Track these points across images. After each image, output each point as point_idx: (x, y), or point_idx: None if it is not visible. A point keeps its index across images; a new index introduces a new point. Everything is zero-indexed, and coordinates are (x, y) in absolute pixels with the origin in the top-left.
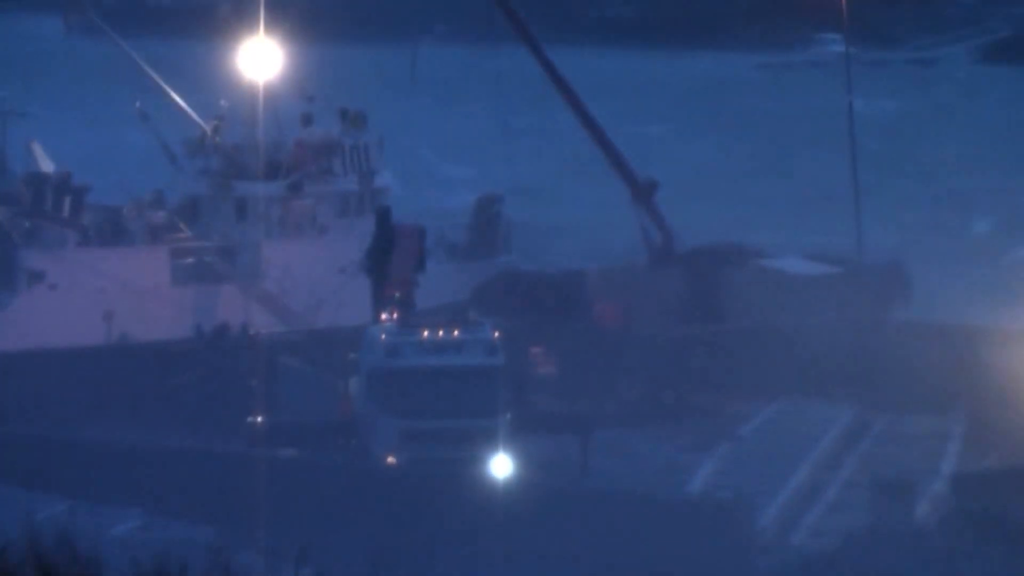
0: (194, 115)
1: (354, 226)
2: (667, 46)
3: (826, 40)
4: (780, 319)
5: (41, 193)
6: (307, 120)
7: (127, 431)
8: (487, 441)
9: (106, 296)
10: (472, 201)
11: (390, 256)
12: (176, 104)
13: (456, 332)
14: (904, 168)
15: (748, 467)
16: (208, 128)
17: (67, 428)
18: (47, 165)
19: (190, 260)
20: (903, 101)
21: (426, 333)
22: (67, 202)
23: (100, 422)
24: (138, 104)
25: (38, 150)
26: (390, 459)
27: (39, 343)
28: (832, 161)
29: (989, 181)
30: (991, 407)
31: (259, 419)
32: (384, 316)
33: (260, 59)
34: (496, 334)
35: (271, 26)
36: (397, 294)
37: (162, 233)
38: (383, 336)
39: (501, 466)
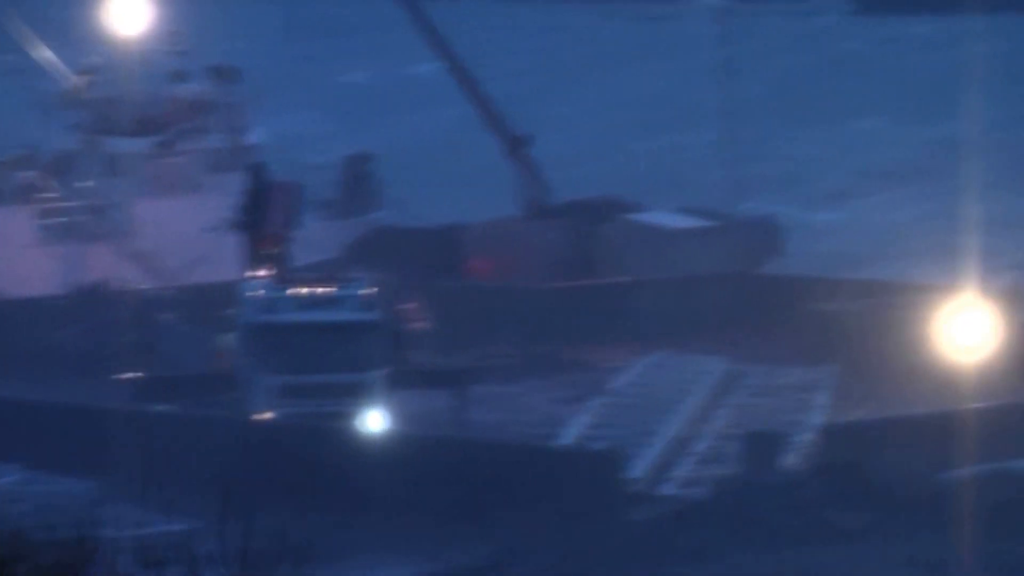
0: (64, 68)
1: (226, 183)
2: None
3: None
4: (653, 272)
5: None
6: (179, 76)
7: (5, 387)
8: (363, 396)
9: None
10: (341, 159)
11: (264, 212)
12: (46, 56)
13: (332, 287)
14: (783, 116)
15: (622, 419)
16: (79, 81)
17: None
18: None
19: (61, 219)
20: (777, 51)
21: (302, 289)
22: None
23: None
24: (8, 57)
25: None
26: (266, 413)
27: None
28: (710, 112)
29: (861, 127)
30: (859, 360)
31: (137, 374)
32: (260, 272)
33: (132, 12)
34: (372, 290)
35: None
36: (273, 250)
37: (32, 192)
38: (259, 291)
39: (377, 420)
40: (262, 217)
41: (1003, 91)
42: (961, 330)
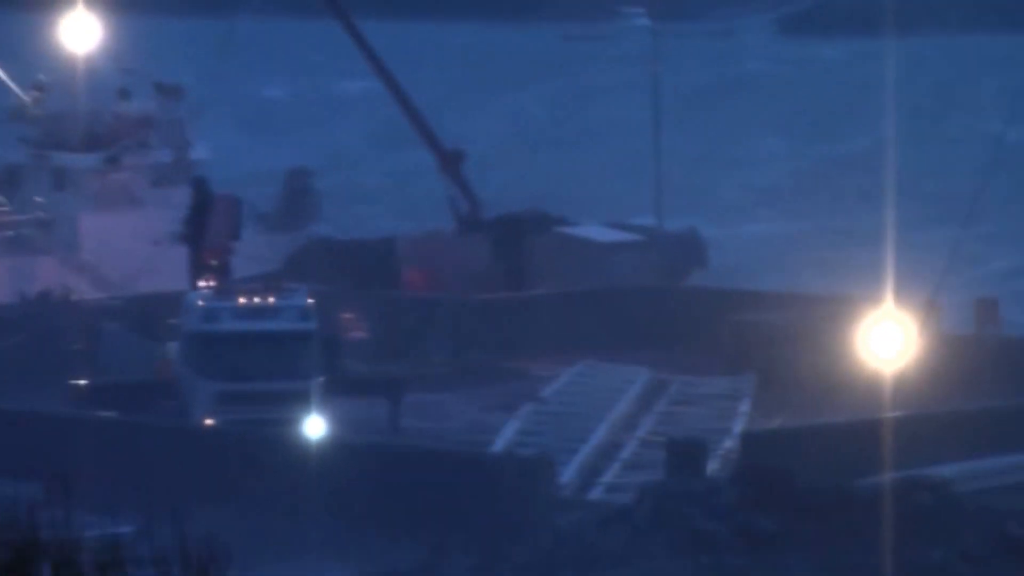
0: (13, 85)
1: (169, 197)
2: (476, 18)
3: (629, 13)
4: (581, 284)
5: None
6: (124, 93)
7: None
8: (301, 403)
9: None
10: (282, 174)
11: (207, 225)
12: None
13: (271, 298)
14: (704, 134)
15: (550, 426)
16: (28, 98)
17: None
18: None
19: (8, 232)
20: (701, 71)
21: (242, 299)
22: None
23: None
24: None
25: None
26: (207, 420)
27: None
28: (633, 128)
29: (779, 146)
30: (780, 370)
31: (81, 381)
32: (201, 283)
33: (79, 31)
34: (309, 300)
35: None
36: (214, 262)
37: None
38: (200, 302)
39: (314, 427)
40: (204, 230)
41: (906, 110)
42: (879, 341)
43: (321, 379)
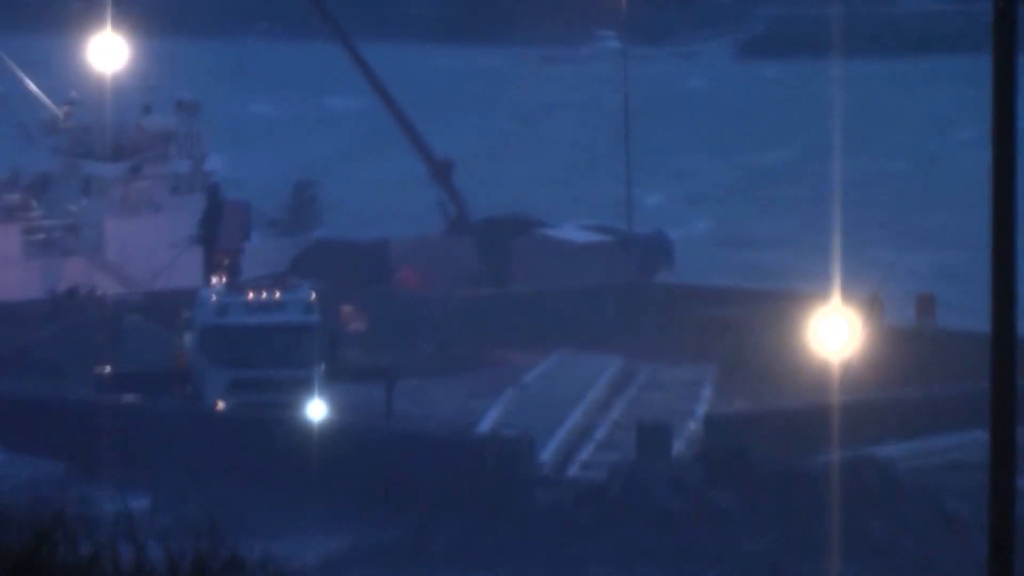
0: (47, 100)
1: (185, 203)
2: (464, 41)
3: (602, 36)
4: (560, 281)
5: None
6: (147, 109)
7: None
8: (304, 389)
9: None
10: (290, 185)
11: (219, 228)
12: (30, 90)
13: (277, 294)
14: (674, 147)
15: (530, 410)
16: (59, 112)
17: None
18: None
19: (40, 234)
20: (666, 90)
21: (251, 294)
22: None
23: None
24: None
25: None
26: (219, 404)
27: None
28: (603, 140)
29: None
30: (739, 359)
31: (105, 369)
32: (214, 280)
33: (107, 52)
34: (312, 296)
35: (117, 22)
36: (226, 261)
37: (15, 211)
38: (213, 297)
39: (316, 410)
40: (217, 233)
41: (840, 125)
42: (827, 333)
43: (322, 367)
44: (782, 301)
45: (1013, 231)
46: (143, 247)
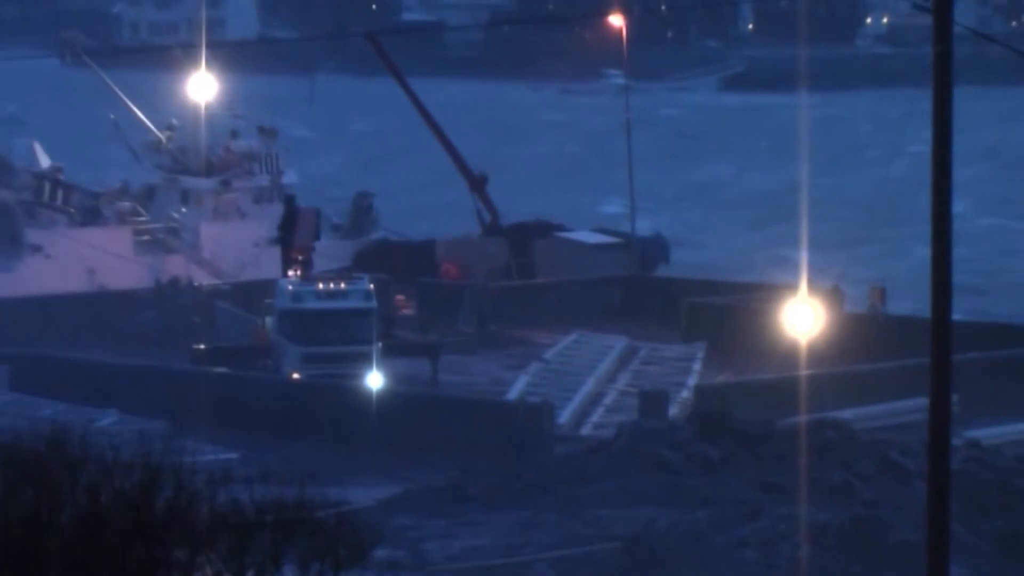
0: (152, 126)
1: (266, 211)
2: (497, 77)
3: (610, 74)
4: (573, 275)
5: (40, 185)
6: (234, 133)
7: (106, 354)
8: (364, 362)
9: (88, 262)
10: (351, 195)
11: (295, 230)
12: (139, 117)
13: (342, 284)
14: (660, 164)
15: (551, 381)
16: (162, 136)
17: (63, 351)
18: (45, 161)
19: (147, 236)
20: (664, 118)
21: (320, 285)
22: (59, 192)
23: (87, 347)
24: (112, 116)
25: (38, 149)
26: (294, 375)
27: (40, 292)
28: (614, 160)
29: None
30: (725, 337)
31: (200, 345)
32: (290, 273)
33: (201, 86)
34: (371, 286)
35: (210, 62)
36: (300, 257)
37: (127, 216)
38: (289, 287)
39: (374, 380)
40: (292, 234)
41: (817, 147)
42: (796, 318)
43: (379, 344)
44: (759, 291)
45: (949, 231)
46: (232, 246)
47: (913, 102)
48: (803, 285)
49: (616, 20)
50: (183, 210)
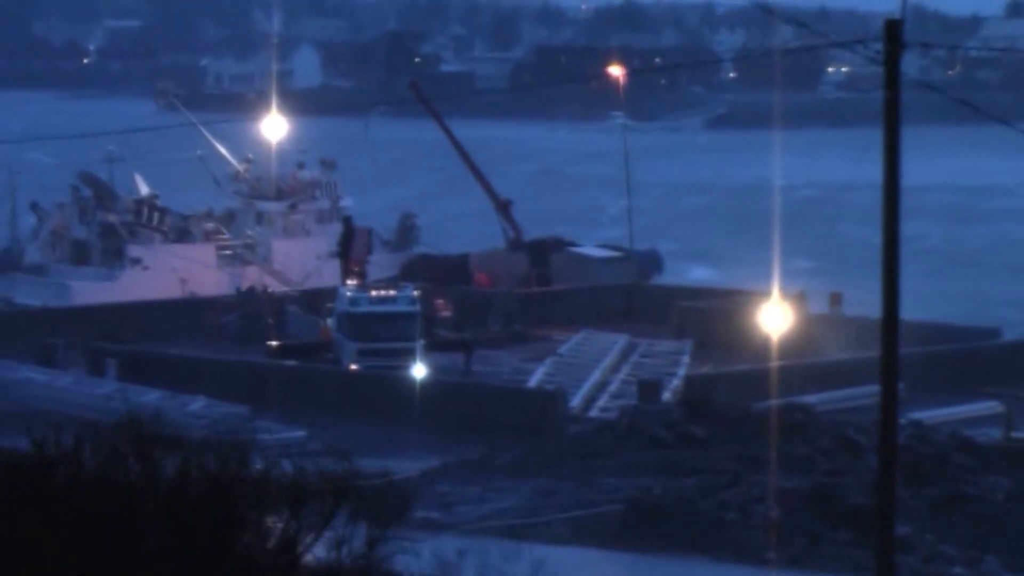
0: (232, 159)
1: (327, 230)
2: (522, 119)
3: (614, 116)
4: (583, 283)
5: (140, 209)
6: (300, 165)
7: (195, 349)
8: (410, 356)
9: (179, 273)
10: (397, 216)
11: (351, 246)
12: (221, 153)
13: (391, 291)
14: (652, 192)
15: (564, 371)
16: (240, 167)
17: (160, 347)
18: (144, 190)
19: (228, 251)
20: (659, 154)
21: (373, 291)
22: (155, 215)
23: (180, 343)
24: (199, 152)
25: (139, 180)
26: (352, 366)
27: (140, 298)
28: (613, 190)
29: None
30: (709, 335)
31: (273, 342)
32: (348, 281)
33: (273, 126)
34: (415, 292)
35: (281, 106)
36: (356, 269)
37: (212, 234)
38: (348, 293)
39: (418, 371)
40: (349, 249)
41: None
42: (769, 318)
43: (422, 341)
44: (738, 296)
45: (897, 246)
46: (299, 259)
47: (865, 139)
48: (775, 290)
49: (616, 71)
50: (258, 229)
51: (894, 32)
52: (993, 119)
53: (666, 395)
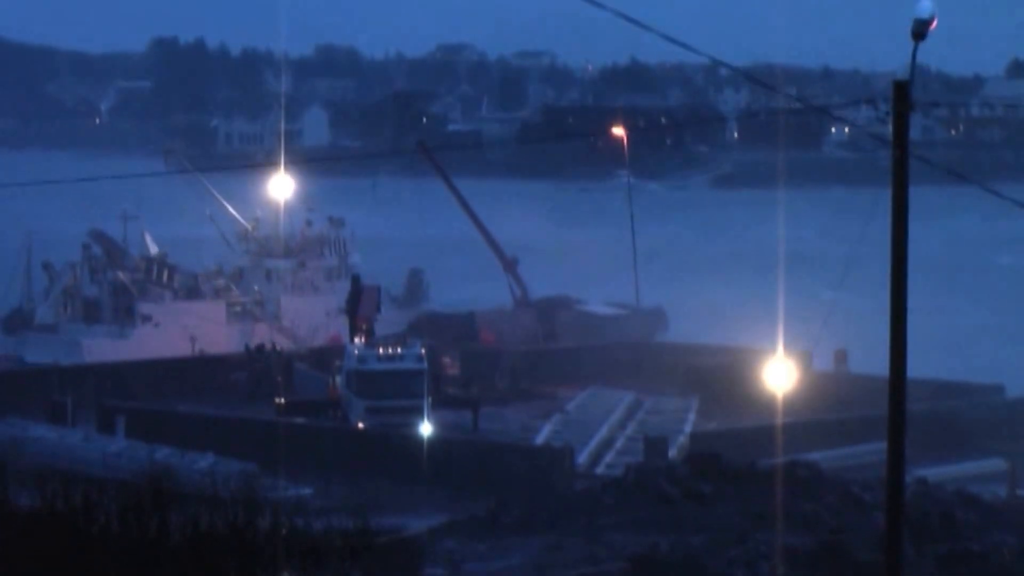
0: (240, 218)
1: (336, 287)
2: (528, 177)
3: (620, 174)
4: (589, 340)
5: (149, 266)
6: (309, 222)
7: (203, 406)
8: (417, 413)
9: (189, 330)
10: (405, 272)
11: (359, 303)
12: (230, 211)
13: (399, 348)
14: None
15: (571, 428)
16: (249, 225)
17: (168, 404)
18: (153, 248)
19: (237, 308)
20: (665, 212)
21: (381, 349)
22: (164, 272)
23: (188, 400)
24: (208, 211)
25: (148, 238)
26: (360, 424)
27: (150, 355)
28: (619, 245)
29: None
30: (714, 392)
31: (282, 400)
32: (356, 339)
33: (280, 185)
34: (422, 350)
35: (289, 165)
36: (364, 326)
37: (222, 292)
38: (355, 351)
39: (425, 428)
40: (357, 307)
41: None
42: (774, 375)
43: (429, 398)
44: (742, 353)
45: (904, 304)
46: (307, 316)
47: (872, 199)
48: (779, 348)
49: (619, 131)
50: (267, 286)
51: (902, 92)
52: (955, 175)
53: (672, 452)
